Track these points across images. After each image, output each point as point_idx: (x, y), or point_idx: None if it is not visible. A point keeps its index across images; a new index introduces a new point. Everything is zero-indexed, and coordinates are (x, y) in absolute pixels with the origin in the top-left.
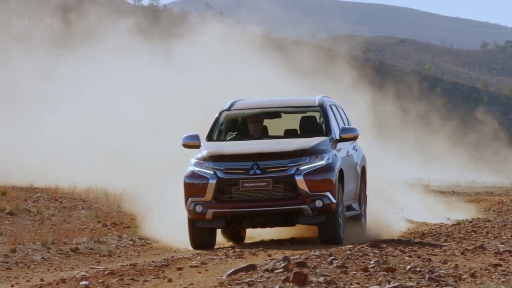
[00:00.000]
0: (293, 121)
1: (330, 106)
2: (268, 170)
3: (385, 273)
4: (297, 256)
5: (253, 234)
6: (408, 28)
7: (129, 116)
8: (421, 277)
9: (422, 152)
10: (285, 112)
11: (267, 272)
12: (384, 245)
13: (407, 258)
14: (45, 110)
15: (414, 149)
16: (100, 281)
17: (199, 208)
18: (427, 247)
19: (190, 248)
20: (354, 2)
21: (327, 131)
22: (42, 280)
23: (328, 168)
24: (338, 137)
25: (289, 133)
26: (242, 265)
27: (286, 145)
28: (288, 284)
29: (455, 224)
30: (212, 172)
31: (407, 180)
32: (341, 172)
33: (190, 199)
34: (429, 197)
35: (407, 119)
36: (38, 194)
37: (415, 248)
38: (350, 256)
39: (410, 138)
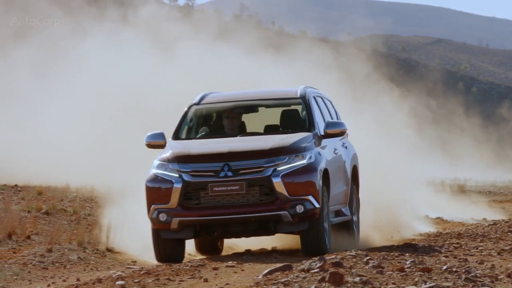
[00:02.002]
0: (277, 116)
1: (314, 97)
2: (241, 171)
3: (421, 273)
4: (332, 256)
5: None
6: (444, 28)
7: (119, 112)
8: (457, 277)
9: (458, 151)
10: (263, 106)
11: (303, 272)
12: (420, 245)
13: (443, 258)
14: (35, 108)
15: (449, 148)
16: (136, 280)
17: (163, 217)
18: (463, 247)
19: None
20: (389, 2)
21: (310, 126)
22: (78, 280)
23: (310, 168)
24: (322, 133)
25: (270, 130)
26: (278, 265)
27: (261, 143)
28: (324, 284)
29: (491, 224)
30: (177, 175)
31: (444, 180)
32: (326, 172)
33: (152, 206)
34: (462, 197)
35: (441, 118)
36: (74, 194)
37: (451, 248)
38: (386, 256)
39: (444, 138)
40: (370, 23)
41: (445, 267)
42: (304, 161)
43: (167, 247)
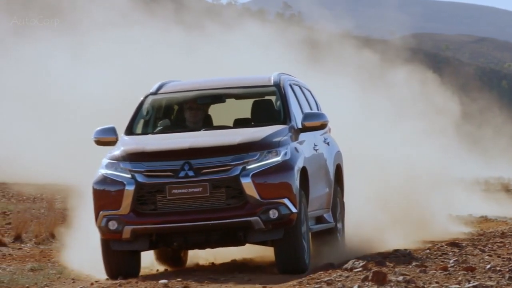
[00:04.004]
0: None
1: (290, 85)
2: (204, 171)
3: (464, 272)
4: (376, 255)
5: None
6: (487, 27)
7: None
8: (501, 276)
9: (502, 151)
10: (231, 95)
11: (346, 271)
12: (463, 244)
13: (486, 257)
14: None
15: (491, 147)
16: (179, 279)
17: (113, 225)
18: (507, 246)
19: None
20: (433, 1)
21: (286, 118)
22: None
23: (285, 166)
24: (300, 126)
25: (241, 124)
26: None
27: (228, 137)
28: (367, 283)
29: None
30: (129, 176)
31: (487, 179)
32: (304, 172)
33: (100, 212)
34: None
35: (483, 118)
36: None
37: (494, 247)
38: (429, 255)
39: (488, 137)
40: (411, 21)
41: (488, 266)
42: (278, 158)
43: (119, 260)
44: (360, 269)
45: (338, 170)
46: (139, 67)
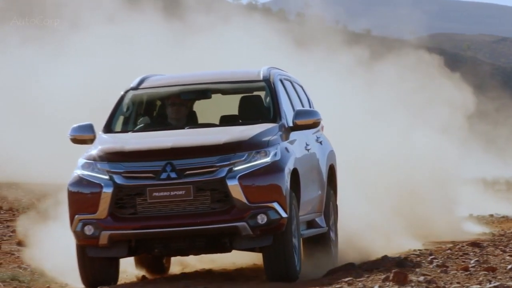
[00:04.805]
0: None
1: (281, 81)
2: (187, 172)
3: (485, 272)
4: (397, 255)
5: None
6: (509, 27)
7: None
8: None
9: None
10: (217, 91)
11: (367, 271)
12: (484, 244)
13: (508, 257)
14: None
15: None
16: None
17: (89, 230)
18: None
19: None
20: (454, 0)
21: (276, 116)
22: (144, 278)
23: (274, 167)
24: (291, 124)
25: (228, 121)
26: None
27: (214, 136)
28: (387, 283)
29: None
30: (107, 177)
31: (508, 179)
32: (295, 173)
33: (76, 216)
34: None
35: (500, 117)
36: None
37: None
38: (450, 256)
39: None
40: (432, 21)
41: (509, 266)
42: (267, 159)
43: (96, 267)
44: (381, 269)
45: (331, 170)
46: (128, 63)
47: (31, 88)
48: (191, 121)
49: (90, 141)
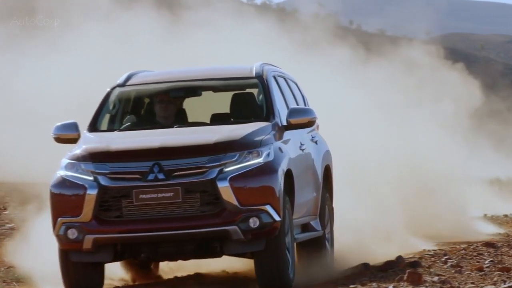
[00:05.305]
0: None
1: (274, 77)
2: (175, 173)
3: (500, 273)
4: (411, 256)
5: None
6: None
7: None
8: None
9: None
10: (207, 88)
11: (380, 272)
12: (499, 245)
13: None
14: None
15: None
16: None
17: (72, 233)
18: None
19: None
20: (468, 1)
21: (269, 114)
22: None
23: (267, 168)
24: (285, 123)
25: (219, 120)
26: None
27: (204, 136)
28: (402, 283)
29: None
30: (91, 178)
31: None
32: (289, 174)
33: (59, 219)
34: None
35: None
36: None
37: None
38: (464, 256)
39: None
40: (447, 22)
41: None
42: (259, 160)
43: (80, 273)
44: (395, 269)
45: (327, 171)
46: (120, 59)
47: (15, 85)
48: (180, 119)
49: (75, 140)
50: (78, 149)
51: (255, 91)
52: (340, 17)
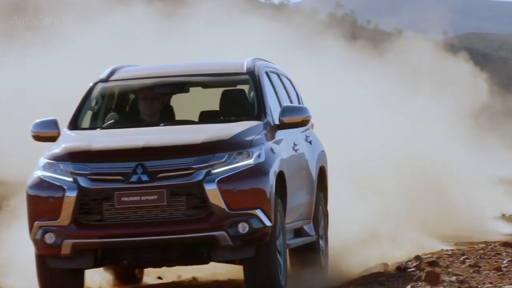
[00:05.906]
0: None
1: (267, 73)
2: (160, 175)
3: None
4: (429, 255)
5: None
6: None
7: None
8: None
9: None
10: (195, 84)
11: (398, 271)
12: None
13: None
14: None
15: None
16: None
17: (50, 238)
18: None
19: None
20: (485, 0)
21: (260, 112)
22: (179, 276)
23: (258, 170)
24: (277, 122)
25: (208, 118)
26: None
27: (191, 135)
28: (420, 283)
29: None
30: (70, 180)
31: None
32: (281, 176)
33: (36, 222)
34: None
35: None
36: None
37: None
38: (483, 256)
39: None
40: (463, 21)
41: None
42: (250, 161)
43: (58, 280)
44: (413, 269)
45: (322, 173)
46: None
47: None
48: (167, 117)
49: (54, 138)
50: (57, 148)
51: (246, 87)
52: (357, 17)
